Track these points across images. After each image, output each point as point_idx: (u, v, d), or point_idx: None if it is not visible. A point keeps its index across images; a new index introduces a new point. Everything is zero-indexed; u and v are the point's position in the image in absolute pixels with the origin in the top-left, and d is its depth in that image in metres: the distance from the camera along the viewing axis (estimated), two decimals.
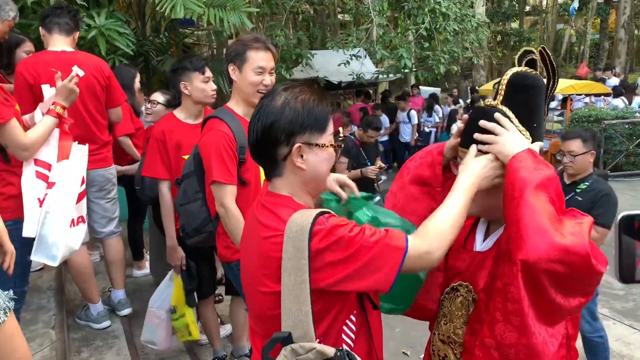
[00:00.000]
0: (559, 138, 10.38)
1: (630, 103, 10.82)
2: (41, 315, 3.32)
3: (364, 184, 5.02)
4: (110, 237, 3.59)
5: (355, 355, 1.21)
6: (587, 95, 11.76)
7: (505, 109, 1.35)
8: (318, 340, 1.24)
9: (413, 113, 10.63)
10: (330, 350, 1.18)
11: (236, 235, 2.41)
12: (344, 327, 1.32)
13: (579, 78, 16.35)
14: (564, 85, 11.05)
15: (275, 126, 1.28)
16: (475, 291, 1.40)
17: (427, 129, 11.19)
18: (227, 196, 2.39)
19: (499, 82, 1.42)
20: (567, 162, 3.12)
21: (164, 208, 3.04)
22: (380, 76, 10.19)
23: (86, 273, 3.40)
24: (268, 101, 1.31)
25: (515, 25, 26.54)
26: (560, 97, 11.41)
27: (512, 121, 1.33)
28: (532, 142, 1.35)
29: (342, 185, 1.55)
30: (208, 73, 2.98)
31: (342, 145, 1.41)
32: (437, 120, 11.17)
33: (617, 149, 9.10)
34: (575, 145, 3.00)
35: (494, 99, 1.40)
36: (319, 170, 1.33)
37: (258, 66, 2.38)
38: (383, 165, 5.09)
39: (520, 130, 1.34)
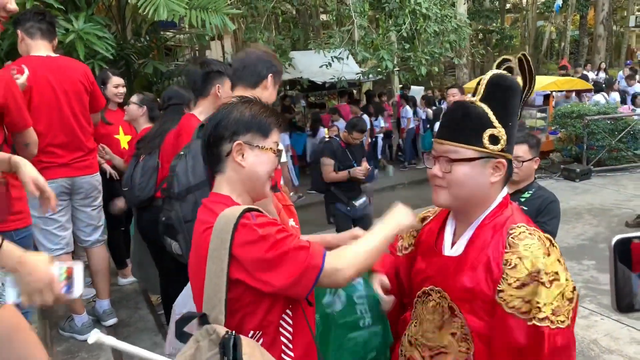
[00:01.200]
0: (542, 135, 10.48)
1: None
2: None
3: (351, 185, 5.01)
4: (95, 245, 3.53)
5: (240, 338, 1.24)
6: (568, 91, 11.88)
7: (484, 106, 1.40)
8: (253, 332, 1.35)
9: (365, 118, 10.56)
10: (222, 331, 1.25)
11: None
12: (281, 322, 1.39)
13: (564, 75, 16.55)
14: (546, 82, 11.14)
15: (221, 124, 1.44)
16: (452, 299, 1.40)
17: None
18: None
19: (479, 82, 1.47)
20: (513, 167, 3.05)
21: None
22: (363, 77, 10.20)
23: None
24: (222, 108, 1.50)
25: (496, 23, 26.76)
26: (543, 94, 11.51)
27: (489, 118, 1.39)
28: (507, 141, 1.39)
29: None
30: None
31: (280, 152, 1.47)
32: (383, 125, 11.06)
33: (600, 144, 9.19)
34: (522, 150, 2.87)
35: (473, 95, 1.45)
36: (258, 170, 1.45)
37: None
38: (369, 166, 5.08)
39: (496, 127, 1.38)
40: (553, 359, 1.26)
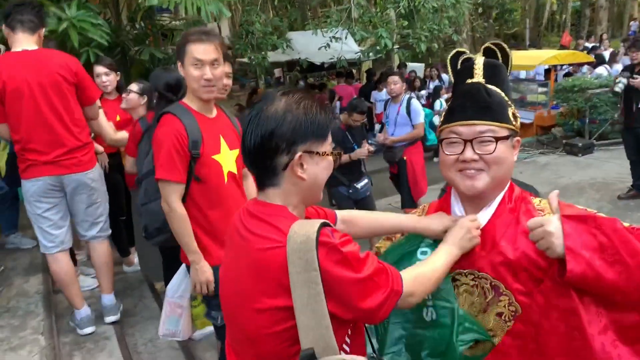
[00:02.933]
0: (544, 110, 10.40)
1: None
2: (29, 321, 3.26)
3: (352, 167, 4.98)
4: (96, 240, 3.44)
5: None
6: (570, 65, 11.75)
7: (493, 87, 1.41)
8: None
9: (337, 104, 10.48)
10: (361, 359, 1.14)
11: (181, 235, 2.39)
12: (343, 345, 1.27)
13: (564, 47, 16.35)
14: (547, 56, 11.01)
15: (276, 133, 1.20)
16: (494, 276, 1.35)
17: None
18: (171, 195, 2.35)
19: (460, 69, 1.50)
20: None
21: None
22: (362, 56, 10.09)
23: (66, 279, 3.27)
24: (267, 106, 1.24)
25: None
26: (544, 68, 11.39)
27: (503, 97, 1.40)
28: (513, 114, 1.40)
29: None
30: None
31: (341, 153, 1.38)
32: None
33: (602, 117, 9.10)
34: None
35: (470, 78, 1.44)
36: (318, 179, 1.28)
37: (194, 58, 2.29)
38: (372, 148, 5.02)
39: (511, 105, 1.40)
40: None
